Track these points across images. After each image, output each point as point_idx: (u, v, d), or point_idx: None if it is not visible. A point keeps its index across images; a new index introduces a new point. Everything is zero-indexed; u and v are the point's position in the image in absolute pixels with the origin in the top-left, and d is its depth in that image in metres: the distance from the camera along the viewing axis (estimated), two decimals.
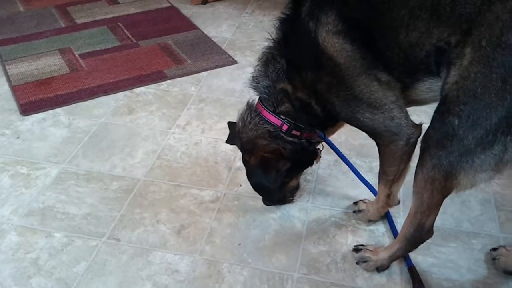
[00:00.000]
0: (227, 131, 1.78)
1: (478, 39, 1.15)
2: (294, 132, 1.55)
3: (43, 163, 1.95)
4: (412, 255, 1.57)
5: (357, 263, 1.57)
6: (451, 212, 1.76)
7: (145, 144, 2.07)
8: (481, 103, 1.16)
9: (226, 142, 1.77)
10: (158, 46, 2.75)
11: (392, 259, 1.53)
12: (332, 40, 1.34)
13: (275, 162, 1.57)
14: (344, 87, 1.37)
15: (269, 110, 1.54)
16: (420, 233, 1.40)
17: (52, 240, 1.64)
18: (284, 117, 1.54)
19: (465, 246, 1.64)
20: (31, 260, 1.57)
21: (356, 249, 1.60)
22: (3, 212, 1.73)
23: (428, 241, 1.53)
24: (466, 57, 1.17)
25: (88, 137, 2.09)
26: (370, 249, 1.57)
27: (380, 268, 1.55)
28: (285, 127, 1.54)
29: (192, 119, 2.21)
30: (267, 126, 1.55)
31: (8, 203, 1.77)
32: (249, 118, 1.58)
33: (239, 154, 1.74)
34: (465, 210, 1.77)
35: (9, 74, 2.48)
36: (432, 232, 1.42)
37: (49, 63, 2.57)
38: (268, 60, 1.52)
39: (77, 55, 2.65)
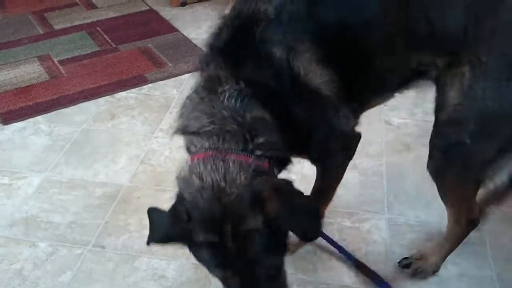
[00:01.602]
0: None
1: (475, 56, 1.16)
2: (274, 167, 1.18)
3: (25, 172, 1.93)
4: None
5: (414, 276, 1.54)
6: (435, 205, 1.77)
7: (128, 150, 2.05)
8: (493, 116, 1.18)
9: (153, 242, 1.18)
10: (138, 50, 2.73)
11: (444, 258, 1.53)
12: (314, 70, 1.19)
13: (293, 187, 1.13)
14: (323, 118, 1.26)
15: (239, 150, 1.11)
16: (470, 226, 1.44)
17: (36, 250, 1.62)
18: (260, 152, 1.13)
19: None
20: (15, 271, 1.55)
21: (406, 264, 1.55)
22: None
23: (412, 234, 1.56)
24: (466, 75, 1.17)
25: (70, 144, 2.07)
26: (417, 257, 1.55)
27: (436, 271, 1.54)
28: (265, 165, 1.13)
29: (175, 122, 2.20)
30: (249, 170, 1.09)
31: None
32: (220, 174, 1.06)
33: None
34: None
35: None
36: (479, 220, 1.44)
37: (28, 71, 2.55)
38: (213, 83, 1.16)
39: (56, 62, 2.62)
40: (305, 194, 1.13)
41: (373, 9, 1.21)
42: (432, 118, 1.32)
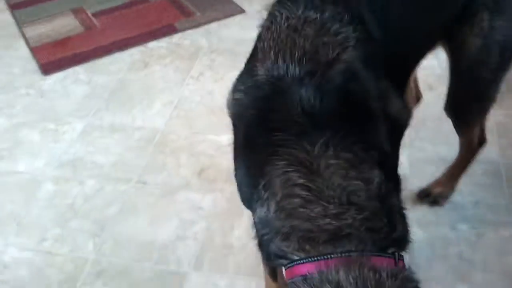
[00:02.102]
0: None
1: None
2: None
3: (68, 119, 2.08)
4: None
5: (434, 203, 1.65)
6: (454, 141, 1.86)
7: (161, 96, 2.18)
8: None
9: None
10: (166, 0, 2.82)
11: (458, 180, 1.65)
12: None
13: None
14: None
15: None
16: (480, 147, 1.56)
17: (84, 187, 1.78)
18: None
19: (468, 172, 1.75)
20: (67, 205, 1.72)
21: (424, 194, 1.66)
22: (37, 164, 1.88)
23: (432, 167, 1.67)
24: (485, 18, 1.24)
25: (107, 92, 2.21)
26: (433, 186, 1.66)
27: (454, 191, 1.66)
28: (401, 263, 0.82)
29: (204, 70, 2.31)
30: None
31: (40, 156, 1.91)
32: None
33: None
34: None
35: (26, 36, 2.59)
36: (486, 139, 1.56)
37: (64, 24, 2.67)
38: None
39: (89, 14, 2.73)
40: None
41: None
42: None
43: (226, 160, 1.85)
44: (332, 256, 0.77)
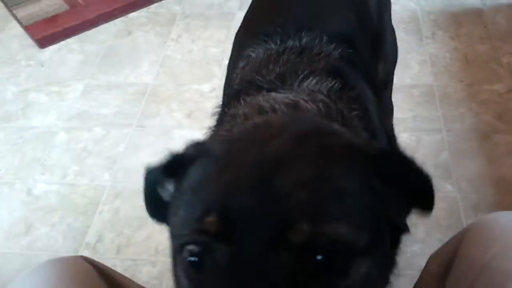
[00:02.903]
0: (214, 38, 2.22)
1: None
2: None
3: (69, 82, 2.40)
4: None
5: None
6: (396, 72, 2.25)
7: (147, 57, 2.51)
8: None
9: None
10: None
11: None
12: None
13: None
14: None
15: None
16: None
17: (93, 133, 2.12)
18: None
19: (407, 95, 2.15)
20: (81, 148, 2.06)
21: None
22: (49, 119, 2.21)
23: None
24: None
25: (100, 58, 2.53)
26: None
27: None
28: None
29: (182, 32, 2.65)
30: None
31: (50, 113, 2.24)
32: None
33: (226, 54, 2.20)
34: (407, 70, 2.27)
35: (18, 17, 2.87)
36: None
37: (50, 3, 2.96)
38: None
39: None
40: None
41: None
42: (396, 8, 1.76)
43: (209, 103, 2.21)
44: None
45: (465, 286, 0.76)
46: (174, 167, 0.72)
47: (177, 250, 0.60)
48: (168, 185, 0.73)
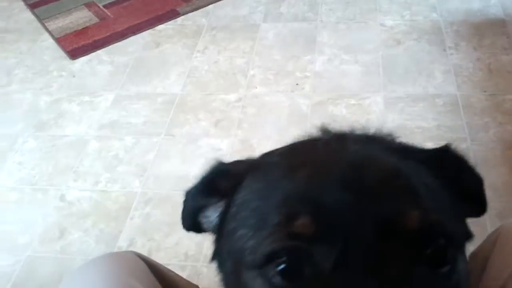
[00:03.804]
0: (239, 50, 2.29)
1: None
2: None
3: (100, 92, 2.48)
4: (387, 114, 2.12)
5: None
6: (420, 82, 2.29)
7: (175, 68, 2.58)
8: None
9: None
10: None
11: None
12: None
13: None
14: None
15: None
16: None
17: (124, 142, 2.19)
18: None
19: (430, 104, 2.18)
20: (113, 156, 2.13)
21: None
22: (81, 128, 2.28)
23: (402, 104, 2.09)
24: None
25: (129, 69, 2.61)
26: None
27: None
28: None
29: (208, 44, 2.72)
30: None
31: (82, 122, 2.32)
32: None
33: (252, 65, 2.27)
34: (430, 80, 2.30)
35: (49, 29, 2.97)
36: None
37: (80, 16, 3.06)
38: None
39: (101, 7, 3.12)
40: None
41: None
42: (418, 18, 1.81)
43: (235, 113, 2.27)
44: None
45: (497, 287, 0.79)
46: (219, 184, 0.65)
47: (257, 263, 0.51)
48: (209, 212, 0.67)
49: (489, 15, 2.62)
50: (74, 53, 2.76)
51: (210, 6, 3.03)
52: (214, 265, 0.70)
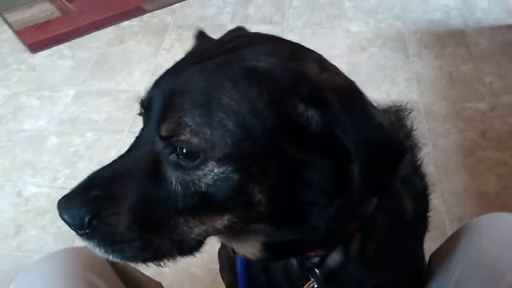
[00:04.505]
0: None
1: None
2: None
3: (61, 87, 2.41)
4: None
5: None
6: (383, 89, 2.32)
7: (139, 65, 2.54)
8: None
9: None
10: None
11: None
12: None
13: None
14: None
15: None
16: None
17: (85, 138, 2.13)
18: None
19: None
20: (73, 152, 2.07)
21: None
22: (40, 123, 2.21)
23: None
24: None
25: (91, 64, 2.55)
26: None
27: None
28: None
29: (174, 42, 2.69)
30: None
31: (42, 117, 2.25)
32: None
33: None
34: (394, 87, 2.34)
35: (9, 21, 2.88)
36: None
37: (42, 9, 2.97)
38: None
39: (64, 0, 3.05)
40: None
41: None
42: (383, 26, 1.83)
43: None
44: None
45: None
46: None
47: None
48: None
49: (450, 25, 2.69)
50: (34, 47, 2.68)
51: (177, 4, 2.99)
52: (177, 265, 0.77)
